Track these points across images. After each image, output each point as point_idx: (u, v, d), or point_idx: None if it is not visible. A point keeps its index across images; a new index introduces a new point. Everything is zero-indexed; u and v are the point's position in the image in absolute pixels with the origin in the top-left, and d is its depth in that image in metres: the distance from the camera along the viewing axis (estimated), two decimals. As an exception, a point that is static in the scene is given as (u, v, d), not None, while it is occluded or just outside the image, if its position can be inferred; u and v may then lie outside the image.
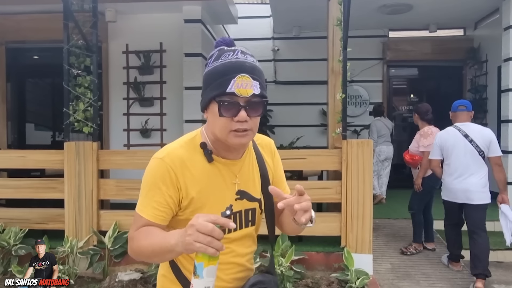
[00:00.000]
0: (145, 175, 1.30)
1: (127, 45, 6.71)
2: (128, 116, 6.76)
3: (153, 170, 1.28)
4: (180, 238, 1.10)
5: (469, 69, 8.21)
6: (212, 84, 1.24)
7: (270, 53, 8.90)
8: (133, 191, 4.53)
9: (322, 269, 4.31)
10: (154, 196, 1.26)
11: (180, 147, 1.32)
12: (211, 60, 1.28)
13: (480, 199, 4.15)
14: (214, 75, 1.24)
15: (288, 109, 8.77)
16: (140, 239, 1.26)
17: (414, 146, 5.01)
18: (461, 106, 4.31)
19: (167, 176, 1.26)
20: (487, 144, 4.09)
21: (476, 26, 8.13)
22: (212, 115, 1.26)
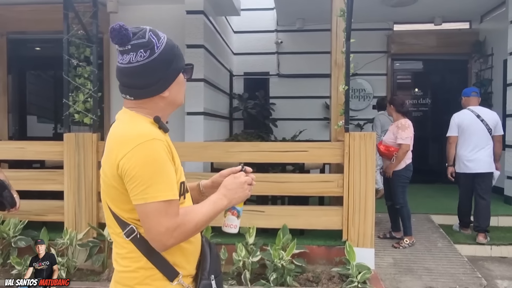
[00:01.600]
0: (151, 160, 1.25)
1: (129, 37, 6.63)
2: (130, 108, 6.71)
3: (157, 152, 1.26)
4: (233, 195, 1.43)
5: (474, 63, 8.12)
6: (176, 59, 1.40)
7: (273, 46, 8.83)
8: (133, 183, 4.49)
9: (323, 263, 4.26)
10: (170, 175, 1.28)
11: (151, 126, 1.35)
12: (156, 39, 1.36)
13: (489, 168, 5.01)
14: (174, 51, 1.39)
15: (291, 102, 8.71)
16: (191, 220, 1.30)
17: (390, 137, 4.91)
18: (474, 93, 5.24)
19: (168, 152, 1.30)
20: (495, 124, 5.01)
21: (482, 19, 8.02)
22: (178, 85, 1.42)
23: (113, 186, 1.32)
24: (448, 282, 4.13)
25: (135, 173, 1.24)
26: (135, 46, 1.33)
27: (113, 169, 1.29)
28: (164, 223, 1.24)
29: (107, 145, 1.37)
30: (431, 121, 8.64)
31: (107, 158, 1.34)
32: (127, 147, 1.26)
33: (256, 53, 8.81)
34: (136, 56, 1.33)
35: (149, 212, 1.24)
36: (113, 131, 1.38)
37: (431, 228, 5.45)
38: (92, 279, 4.13)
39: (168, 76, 1.38)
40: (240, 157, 4.38)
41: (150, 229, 1.25)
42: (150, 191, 1.23)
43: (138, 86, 1.35)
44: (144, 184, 1.23)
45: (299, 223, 4.36)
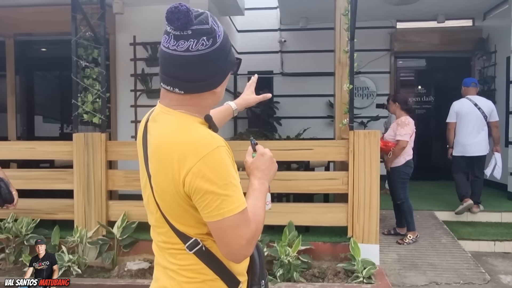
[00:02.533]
0: (221, 172, 1.13)
1: (135, 37, 6.73)
2: (136, 108, 6.80)
3: (224, 161, 1.14)
4: (269, 173, 1.34)
5: (477, 60, 8.15)
6: (231, 51, 1.26)
7: (277, 45, 8.89)
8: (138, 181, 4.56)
9: (328, 259, 4.33)
10: (237, 182, 1.17)
11: (207, 130, 1.21)
12: (218, 27, 1.21)
13: (485, 151, 5.58)
14: (228, 42, 1.25)
15: (295, 100, 8.76)
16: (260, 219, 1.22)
17: (390, 134, 5.06)
18: (473, 83, 5.73)
19: (230, 156, 1.20)
20: (490, 111, 5.55)
21: (485, 17, 8.05)
22: (226, 80, 1.27)
23: (177, 203, 1.18)
24: (452, 277, 4.19)
25: (207, 189, 1.11)
26: (196, 32, 1.15)
27: (176, 186, 1.15)
28: (244, 234, 1.15)
29: (155, 154, 1.20)
30: (434, 119, 8.67)
31: (163, 172, 1.17)
32: (191, 160, 1.11)
33: (260, 52, 8.86)
34: (197, 44, 1.15)
35: (227, 227, 1.13)
36: (161, 137, 1.20)
37: (435, 225, 5.51)
38: (102, 275, 4.22)
39: (225, 70, 1.24)
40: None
41: (230, 244, 1.15)
42: (225, 205, 1.12)
43: (193, 78, 1.19)
44: (218, 199, 1.11)
45: (305, 220, 4.43)
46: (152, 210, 1.29)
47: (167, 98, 1.24)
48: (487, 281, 4.14)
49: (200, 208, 1.14)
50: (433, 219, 5.71)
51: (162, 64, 1.22)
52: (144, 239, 4.50)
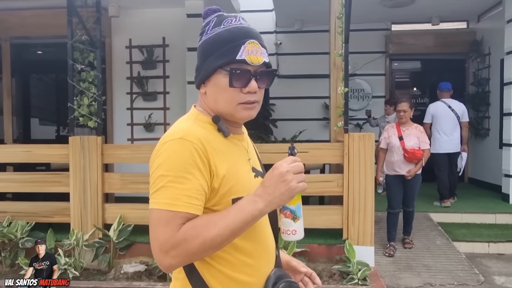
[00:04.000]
0: (164, 161, 1.05)
1: (130, 40, 6.74)
2: (132, 110, 6.81)
3: (177, 153, 1.04)
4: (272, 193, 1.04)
5: (472, 62, 8.20)
6: (217, 52, 1.12)
7: (272, 47, 8.90)
8: (137, 184, 4.59)
9: (324, 261, 4.36)
10: (185, 183, 1.03)
11: (192, 125, 1.13)
12: (210, 27, 1.17)
13: (458, 148, 6.15)
14: (219, 41, 1.12)
15: (291, 103, 8.79)
16: (198, 235, 1.02)
17: (416, 143, 4.72)
18: (446, 88, 6.36)
19: (196, 155, 1.05)
20: (462, 113, 6.15)
21: (479, 19, 8.11)
22: (215, 87, 1.14)
23: None
24: (447, 279, 4.22)
25: (151, 173, 1.08)
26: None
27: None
28: (160, 237, 1.02)
29: None
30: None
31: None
32: (158, 145, 1.10)
33: (256, 54, 8.87)
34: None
35: (151, 219, 1.04)
36: None
37: (429, 226, 5.54)
38: (98, 278, 4.23)
39: (203, 69, 1.17)
40: (242, 158, 4.47)
41: (150, 240, 1.06)
42: (158, 195, 1.04)
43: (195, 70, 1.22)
44: (155, 187, 1.05)
45: (300, 222, 4.45)
46: None
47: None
48: (481, 282, 4.18)
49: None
50: (428, 220, 5.74)
51: None
52: (140, 242, 4.53)
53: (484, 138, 7.75)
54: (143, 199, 5.07)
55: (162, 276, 4.16)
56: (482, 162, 7.80)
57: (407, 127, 4.78)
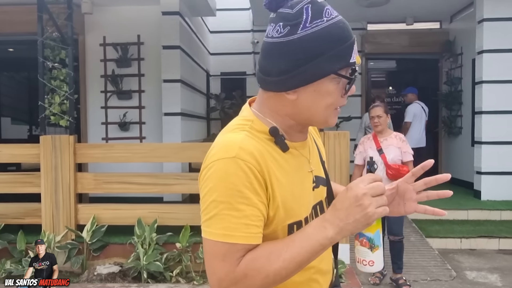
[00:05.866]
0: (216, 185, 0.91)
1: (104, 38, 6.62)
2: (106, 109, 6.70)
3: (230, 176, 0.90)
4: (345, 219, 0.90)
5: (445, 62, 8.36)
6: (329, 53, 0.93)
7: (249, 46, 8.90)
8: (111, 184, 4.52)
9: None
10: (242, 210, 0.90)
11: (246, 137, 0.96)
12: (307, 18, 0.93)
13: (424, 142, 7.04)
14: (329, 40, 0.93)
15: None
16: (261, 268, 0.90)
17: (398, 155, 3.96)
18: (414, 92, 7.27)
19: (252, 177, 0.91)
20: (427, 113, 7.14)
21: (451, 20, 8.27)
22: (316, 93, 0.97)
23: None
24: (420, 275, 4.29)
25: (202, 196, 0.94)
26: (278, 16, 0.96)
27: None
28: (218, 272, 0.90)
29: None
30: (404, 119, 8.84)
31: None
32: (207, 160, 0.95)
33: (233, 53, 8.87)
34: (273, 29, 0.96)
35: (206, 250, 0.93)
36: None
37: (404, 223, 5.60)
38: (71, 280, 4.14)
39: (300, 73, 0.94)
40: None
41: (207, 273, 0.94)
42: (213, 224, 0.90)
43: (265, 70, 0.99)
44: (208, 214, 0.91)
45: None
46: None
47: (257, 95, 1.07)
48: (453, 277, 4.26)
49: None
50: (403, 217, 5.82)
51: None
52: (115, 243, 4.46)
53: (457, 136, 7.91)
54: (117, 199, 5.01)
55: (136, 277, 4.10)
56: (455, 159, 7.96)
57: (386, 137, 3.98)
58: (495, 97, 6.31)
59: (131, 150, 4.57)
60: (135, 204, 4.59)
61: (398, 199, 1.13)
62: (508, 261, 4.79)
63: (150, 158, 4.69)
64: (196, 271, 4.12)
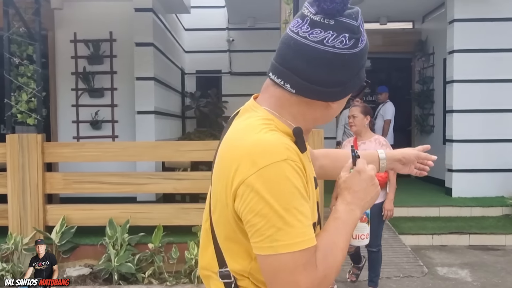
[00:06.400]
0: (276, 193, 0.85)
1: (75, 34, 6.46)
2: (78, 107, 6.54)
3: (288, 180, 0.86)
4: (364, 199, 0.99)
5: (417, 61, 8.50)
6: (363, 63, 0.99)
7: (225, 44, 8.85)
8: (82, 184, 4.41)
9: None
10: (304, 213, 0.87)
11: (283, 137, 0.92)
12: (364, 31, 0.97)
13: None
14: (366, 52, 0.99)
15: (244, 100, 8.27)
16: (333, 263, 0.90)
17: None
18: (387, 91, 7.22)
19: (304, 178, 0.91)
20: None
21: (424, 20, 8.41)
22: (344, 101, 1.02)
23: (225, 218, 0.94)
24: (393, 271, 4.34)
25: (260, 210, 0.85)
26: (340, 25, 0.92)
27: (228, 198, 0.90)
28: (303, 282, 0.85)
29: (219, 154, 0.98)
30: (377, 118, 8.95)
31: (220, 176, 0.94)
32: (247, 169, 0.86)
33: (208, 51, 8.80)
34: (336, 39, 0.92)
35: (280, 267, 0.85)
36: (230, 135, 0.98)
37: (378, 220, 5.67)
38: (39, 284, 4.02)
39: (353, 83, 0.99)
40: (191, 155, 4.40)
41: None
42: (282, 237, 0.84)
43: (315, 79, 0.94)
44: (273, 227, 0.84)
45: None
46: (205, 218, 1.06)
47: (268, 93, 1.01)
48: (424, 273, 4.32)
49: (250, 234, 0.87)
50: (376, 215, 5.89)
51: (281, 50, 0.98)
52: (85, 244, 4.36)
53: (429, 135, 8.06)
54: (90, 199, 4.90)
55: (108, 279, 4.01)
56: (427, 157, 8.09)
57: (364, 140, 3.72)
58: (466, 96, 6.44)
59: (102, 149, 4.47)
60: (107, 204, 4.49)
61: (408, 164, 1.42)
62: (477, 256, 4.90)
63: (121, 157, 4.60)
64: (169, 271, 4.06)
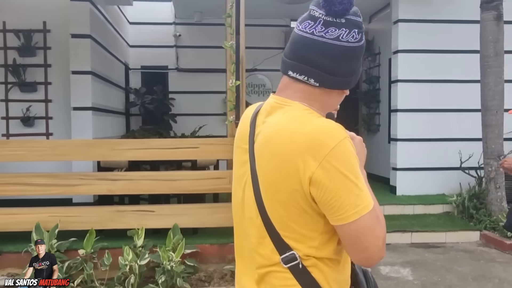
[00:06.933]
0: (351, 164, 0.99)
1: (4, 23, 5.97)
2: (7, 102, 6.05)
3: (353, 152, 1.02)
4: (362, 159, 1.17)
5: (364, 61, 8.57)
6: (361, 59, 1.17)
7: (171, 39, 8.56)
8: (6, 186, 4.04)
9: (216, 262, 4.18)
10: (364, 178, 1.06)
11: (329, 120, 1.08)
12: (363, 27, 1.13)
13: None
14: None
15: (191, 97, 8.52)
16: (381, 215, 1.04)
17: None
18: None
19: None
20: None
21: (370, 20, 8.50)
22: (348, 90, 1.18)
23: (293, 204, 1.01)
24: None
25: (341, 185, 0.97)
26: (350, 22, 1.08)
27: (297, 184, 0.98)
28: (380, 233, 1.01)
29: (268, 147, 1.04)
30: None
31: (278, 167, 1.01)
32: (320, 152, 0.97)
33: (154, 46, 8.48)
34: (348, 34, 1.07)
35: (364, 227, 0.98)
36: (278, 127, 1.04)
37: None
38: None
39: (359, 71, 1.15)
40: (128, 154, 4.13)
41: (368, 247, 1.00)
42: (361, 201, 0.98)
43: (335, 71, 1.08)
44: (353, 195, 0.97)
45: (191, 222, 4.23)
46: (251, 215, 1.09)
47: (291, 89, 1.11)
48: (368, 273, 4.28)
49: (333, 210, 0.98)
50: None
51: (299, 50, 1.09)
52: (9, 251, 4.00)
53: (375, 134, 8.16)
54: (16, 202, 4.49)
55: (32, 289, 3.68)
56: (373, 156, 8.19)
57: None
58: (409, 95, 6.53)
59: (28, 148, 4.09)
60: (33, 208, 4.13)
61: None
62: (419, 254, 4.94)
63: (50, 157, 4.24)
64: (101, 279, 3.78)
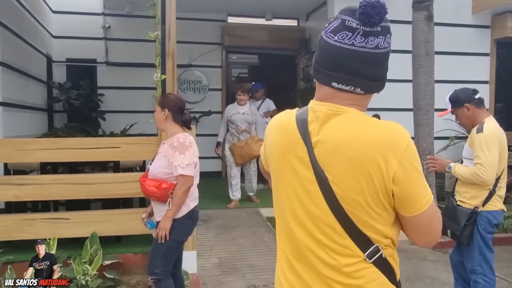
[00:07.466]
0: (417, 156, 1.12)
1: None
2: None
3: (416, 149, 1.15)
4: None
5: (301, 59, 8.49)
6: None
7: (100, 31, 7.98)
8: None
9: (140, 272, 3.83)
10: None
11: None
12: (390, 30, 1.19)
13: None
14: None
15: (122, 93, 8.01)
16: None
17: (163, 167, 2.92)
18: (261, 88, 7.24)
19: None
20: None
21: (307, 18, 8.43)
22: None
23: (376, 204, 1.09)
24: (271, 278, 4.02)
25: (417, 179, 1.10)
26: (384, 29, 1.14)
27: (380, 183, 1.07)
28: (440, 217, 1.18)
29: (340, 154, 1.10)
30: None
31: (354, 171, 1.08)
32: (397, 152, 1.07)
33: (81, 37, 7.86)
34: (384, 41, 1.14)
35: (433, 213, 1.14)
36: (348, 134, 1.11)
37: (259, 222, 5.42)
38: None
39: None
40: (37, 155, 3.69)
41: (435, 230, 1.16)
42: (428, 190, 1.12)
43: (377, 77, 1.16)
44: (424, 187, 1.11)
45: (113, 230, 3.86)
46: (326, 221, 1.13)
47: (338, 98, 1.17)
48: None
49: (411, 203, 1.10)
50: (258, 216, 5.63)
51: (339, 61, 1.14)
52: None
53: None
54: None
55: None
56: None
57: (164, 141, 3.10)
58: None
59: None
60: None
61: None
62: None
63: None
64: (3, 299, 3.32)
